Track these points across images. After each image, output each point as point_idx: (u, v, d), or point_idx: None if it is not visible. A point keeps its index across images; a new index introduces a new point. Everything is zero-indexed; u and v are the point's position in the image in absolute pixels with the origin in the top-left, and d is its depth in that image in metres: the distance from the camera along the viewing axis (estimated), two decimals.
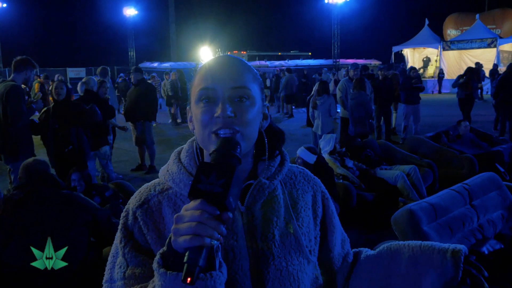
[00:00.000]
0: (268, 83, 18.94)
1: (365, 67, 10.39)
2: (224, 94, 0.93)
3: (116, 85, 16.00)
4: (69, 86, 5.65)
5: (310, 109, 7.57)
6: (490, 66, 17.51)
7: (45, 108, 5.42)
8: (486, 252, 3.08)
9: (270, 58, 34.36)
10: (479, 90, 15.40)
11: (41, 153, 8.87)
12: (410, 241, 1.08)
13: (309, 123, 8.09)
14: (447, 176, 5.70)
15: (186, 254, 0.74)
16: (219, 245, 0.78)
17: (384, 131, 9.63)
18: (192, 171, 1.01)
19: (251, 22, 45.20)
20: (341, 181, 5.02)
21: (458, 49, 23.39)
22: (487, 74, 17.60)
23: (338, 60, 30.48)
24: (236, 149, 0.86)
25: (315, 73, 19.37)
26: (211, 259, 0.78)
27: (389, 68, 14.68)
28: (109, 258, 1.00)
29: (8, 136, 4.54)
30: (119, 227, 1.00)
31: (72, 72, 27.71)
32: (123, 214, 1.01)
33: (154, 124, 8.91)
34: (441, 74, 22.30)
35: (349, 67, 8.42)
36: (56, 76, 14.54)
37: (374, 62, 29.37)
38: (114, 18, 34.76)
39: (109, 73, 7.80)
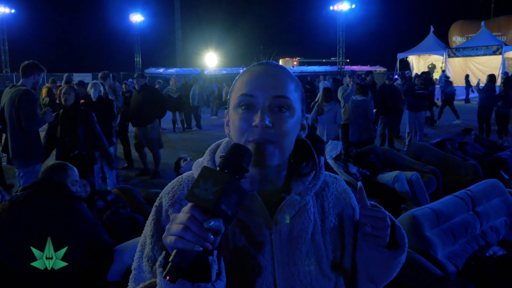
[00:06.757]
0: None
1: (367, 72, 10.36)
2: (264, 103, 0.90)
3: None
4: (77, 90, 5.66)
5: (313, 115, 7.55)
6: (496, 73, 17.43)
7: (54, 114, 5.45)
8: (489, 258, 3.07)
9: (317, 64, 35.71)
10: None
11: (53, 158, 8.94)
12: None
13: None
14: (451, 183, 5.68)
15: (173, 253, 0.76)
16: (215, 256, 0.79)
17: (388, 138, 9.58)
18: None
19: (257, 28, 45.39)
20: None
21: (463, 56, 23.32)
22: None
23: (343, 66, 30.54)
24: (244, 159, 0.83)
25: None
26: (203, 268, 0.78)
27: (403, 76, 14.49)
28: (139, 247, 1.00)
29: (19, 141, 4.57)
30: (152, 218, 0.99)
31: (78, 77, 27.90)
32: (156, 208, 1.00)
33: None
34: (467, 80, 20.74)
35: (347, 75, 8.47)
36: (63, 81, 14.62)
37: (379, 69, 29.39)
38: (121, 24, 35.11)
39: (111, 77, 7.73)
